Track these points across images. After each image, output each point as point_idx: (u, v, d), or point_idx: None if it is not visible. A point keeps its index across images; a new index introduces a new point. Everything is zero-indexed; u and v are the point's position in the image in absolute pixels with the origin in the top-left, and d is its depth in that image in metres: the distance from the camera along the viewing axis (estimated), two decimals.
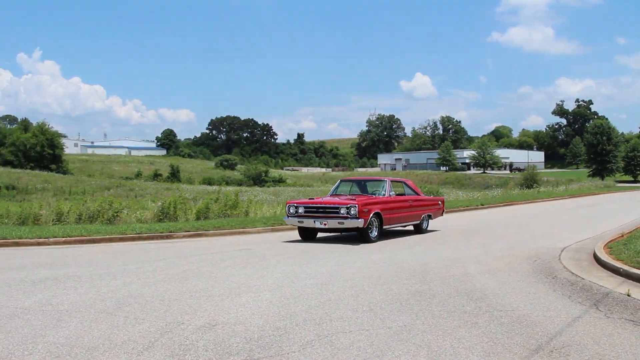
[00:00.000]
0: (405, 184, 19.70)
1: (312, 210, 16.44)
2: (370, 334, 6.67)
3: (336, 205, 16.01)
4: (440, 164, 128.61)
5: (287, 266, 11.91)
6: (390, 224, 17.25)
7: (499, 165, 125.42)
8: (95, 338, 6.45)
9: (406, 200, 18.45)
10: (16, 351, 5.95)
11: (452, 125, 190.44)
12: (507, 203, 36.42)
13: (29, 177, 68.61)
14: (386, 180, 18.14)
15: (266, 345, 6.22)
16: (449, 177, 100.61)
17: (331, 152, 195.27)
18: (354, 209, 15.55)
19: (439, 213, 20.90)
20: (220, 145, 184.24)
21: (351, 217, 15.52)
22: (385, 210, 16.78)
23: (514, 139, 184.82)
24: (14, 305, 8.12)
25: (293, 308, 7.98)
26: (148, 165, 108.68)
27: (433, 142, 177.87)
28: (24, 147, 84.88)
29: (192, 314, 7.62)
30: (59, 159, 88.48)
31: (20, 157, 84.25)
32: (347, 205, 15.68)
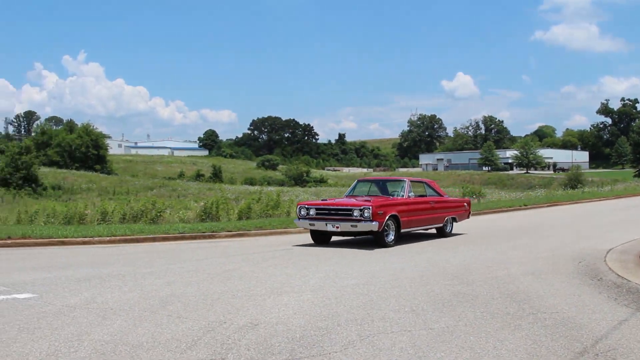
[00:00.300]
0: (426, 184, 18.58)
1: (324, 212, 15.42)
2: (412, 335, 6.64)
3: (349, 207, 14.98)
4: (482, 164, 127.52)
5: (328, 266, 11.92)
6: (409, 227, 16.14)
7: (542, 165, 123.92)
8: (139, 336, 6.52)
9: (427, 202, 17.31)
10: (62, 348, 6.04)
11: (495, 125, 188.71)
12: (551, 203, 35.95)
13: (74, 177, 69.66)
14: (405, 181, 17.12)
15: (308, 345, 6.23)
16: (492, 177, 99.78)
17: (372, 152, 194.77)
18: (368, 211, 14.47)
19: (465, 215, 19.66)
20: (261, 145, 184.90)
21: (365, 219, 14.48)
22: (403, 212, 15.66)
23: (557, 139, 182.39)
24: (60, 303, 8.25)
25: (335, 308, 7.98)
26: (190, 166, 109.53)
27: (475, 142, 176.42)
28: (70, 147, 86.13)
29: (235, 313, 7.66)
30: (104, 160, 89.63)
31: (66, 157, 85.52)
32: (361, 207, 14.65)
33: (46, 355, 5.82)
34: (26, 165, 58.01)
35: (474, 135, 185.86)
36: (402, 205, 15.86)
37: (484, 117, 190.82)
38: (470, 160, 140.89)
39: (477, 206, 31.58)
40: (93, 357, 5.79)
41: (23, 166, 57.64)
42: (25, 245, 15.45)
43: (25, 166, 57.80)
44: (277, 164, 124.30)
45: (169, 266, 11.87)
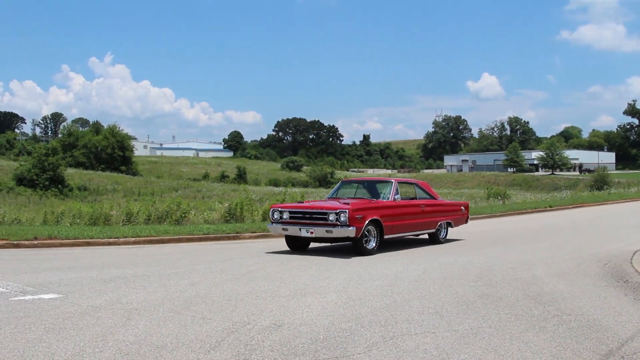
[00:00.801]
0: (417, 185, 17.32)
1: (298, 215, 14.11)
2: (436, 336, 6.62)
3: (324, 210, 13.64)
4: (507, 165, 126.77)
5: (352, 267, 11.91)
6: (394, 233, 14.72)
7: (568, 167, 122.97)
8: (164, 337, 6.55)
9: (417, 205, 16.02)
10: (87, 348, 6.08)
11: (520, 126, 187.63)
12: (577, 205, 35.69)
13: (100, 178, 70.21)
14: (391, 182, 15.71)
15: (331, 346, 6.22)
16: (517, 178, 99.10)
17: (397, 154, 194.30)
18: (344, 215, 13.21)
19: (462, 220, 18.32)
20: (286, 146, 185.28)
21: (341, 224, 13.22)
22: (386, 216, 14.36)
23: (583, 140, 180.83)
24: (86, 303, 8.30)
25: (358, 309, 7.97)
26: (215, 167, 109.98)
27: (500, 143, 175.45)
28: (96, 149, 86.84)
29: (258, 314, 7.67)
30: (129, 161, 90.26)
31: (92, 158, 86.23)
32: (337, 210, 13.37)
33: (72, 355, 5.86)
34: (53, 166, 58.55)
35: (499, 137, 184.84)
36: (386, 208, 14.63)
37: (509, 118, 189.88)
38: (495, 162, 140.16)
39: (502, 207, 31.44)
40: (117, 357, 5.82)
41: (50, 167, 58.18)
42: (51, 245, 15.58)
43: (51, 167, 58.35)
44: (302, 165, 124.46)
45: (193, 267, 11.92)
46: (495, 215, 28.28)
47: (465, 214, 18.41)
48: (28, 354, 5.88)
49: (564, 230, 20.25)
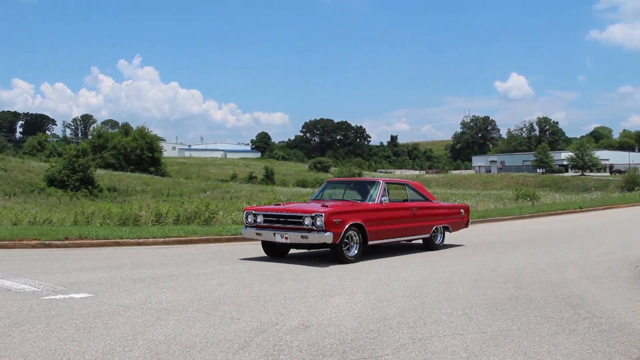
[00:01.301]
0: (409, 186, 15.81)
1: (272, 219, 13.10)
2: (464, 338, 6.58)
3: (299, 213, 12.63)
4: (536, 166, 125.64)
5: (380, 268, 11.89)
6: (379, 238, 13.55)
7: (598, 167, 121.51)
8: (193, 336, 6.59)
9: (407, 208, 14.68)
10: (117, 347, 6.13)
11: (549, 126, 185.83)
12: (607, 206, 35.30)
13: (129, 179, 70.76)
14: (378, 182, 14.51)
15: (359, 347, 6.21)
16: (546, 179, 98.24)
17: (425, 154, 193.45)
18: (320, 219, 12.13)
19: (461, 224, 16.97)
20: (313, 147, 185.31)
21: (317, 229, 12.18)
22: (371, 220, 13.21)
23: (614, 140, 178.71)
24: (116, 303, 8.38)
25: (386, 310, 7.96)
26: (243, 168, 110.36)
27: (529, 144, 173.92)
28: (125, 150, 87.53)
29: (287, 314, 7.69)
30: (158, 162, 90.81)
31: (121, 160, 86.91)
32: (312, 214, 12.32)
33: (102, 354, 5.91)
34: (83, 167, 59.11)
35: (528, 137, 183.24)
36: (371, 212, 13.45)
37: (539, 119, 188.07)
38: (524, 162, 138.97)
39: (531, 209, 31.21)
40: (147, 356, 5.87)
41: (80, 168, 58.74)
42: (81, 245, 15.74)
43: (82, 168, 58.91)
44: (329, 166, 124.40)
45: (222, 267, 11.97)
46: (524, 216, 28.08)
47: (464, 217, 17.12)
48: (59, 352, 5.94)
49: (595, 232, 20.05)
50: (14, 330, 6.77)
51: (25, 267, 11.95)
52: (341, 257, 12.66)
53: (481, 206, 33.34)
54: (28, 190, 53.06)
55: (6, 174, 58.48)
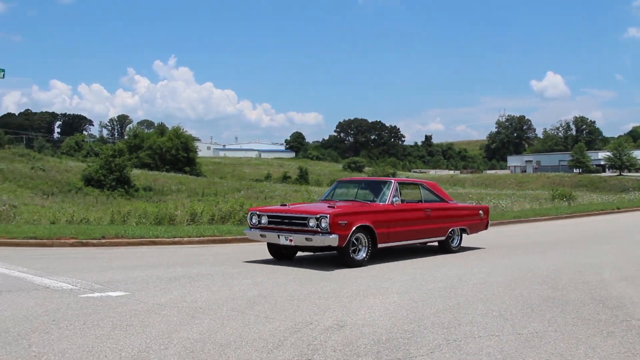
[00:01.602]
0: (423, 186, 15.08)
1: (276, 220, 12.61)
2: (500, 339, 6.54)
3: (304, 215, 12.08)
4: (573, 166, 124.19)
5: (415, 269, 11.86)
6: (390, 241, 12.94)
7: (636, 167, 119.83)
8: (227, 335, 6.62)
9: (421, 209, 14.03)
10: (153, 345, 6.19)
11: (586, 125, 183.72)
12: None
13: (164, 179, 71.30)
14: (390, 182, 13.87)
15: (394, 348, 6.20)
16: (583, 179, 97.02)
17: (459, 154, 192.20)
18: (325, 221, 11.54)
19: (480, 226, 16.19)
20: (348, 147, 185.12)
21: (322, 231, 11.59)
22: (380, 222, 12.62)
23: None
24: (152, 301, 8.45)
25: (421, 311, 7.93)
26: (277, 168, 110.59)
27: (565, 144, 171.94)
28: (160, 150, 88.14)
29: (321, 314, 7.70)
30: (193, 162, 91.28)
31: (157, 159, 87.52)
32: (317, 215, 11.73)
33: (138, 351, 5.97)
34: (119, 167, 59.66)
35: (565, 137, 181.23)
36: (380, 213, 12.84)
37: (575, 118, 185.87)
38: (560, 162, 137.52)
39: (567, 209, 30.90)
40: (182, 354, 5.91)
41: (116, 168, 59.31)
42: (118, 244, 15.92)
43: (118, 168, 59.46)
44: (363, 166, 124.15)
45: (256, 266, 12.02)
46: (560, 216, 27.80)
47: (484, 219, 16.28)
48: (96, 349, 6.01)
49: (633, 233, 19.78)
50: (52, 327, 6.86)
51: (63, 265, 12.11)
52: (348, 260, 12.07)
53: (517, 206, 33.05)
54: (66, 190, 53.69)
55: (44, 174, 59.30)
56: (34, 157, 68.72)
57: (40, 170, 60.53)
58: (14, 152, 67.80)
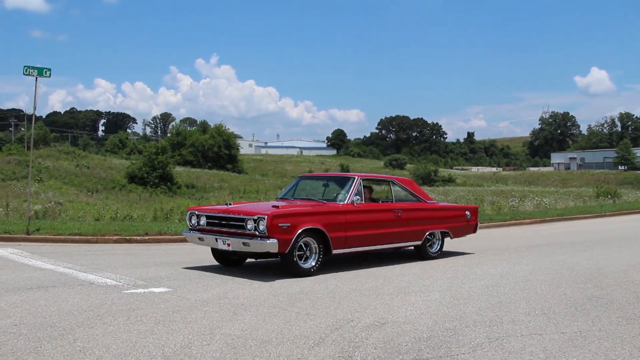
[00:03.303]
0: (394, 183, 13.28)
1: (214, 222, 11.11)
2: (542, 338, 6.46)
3: (241, 216, 10.50)
4: (618, 163, 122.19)
5: (456, 266, 11.79)
6: (347, 246, 11.30)
7: None
8: (269, 332, 6.65)
9: (389, 210, 12.37)
10: (195, 341, 6.24)
11: (632, 122, 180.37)
12: None
13: (207, 176, 71.85)
14: (352, 179, 12.13)
15: (435, 346, 6.17)
16: (628, 176, 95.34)
17: (502, 151, 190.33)
18: (263, 223, 10.02)
19: (467, 229, 14.32)
20: (389, 144, 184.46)
21: (260, 235, 10.08)
22: (335, 225, 11.00)
23: None
24: (194, 297, 8.53)
25: (463, 309, 7.88)
26: (319, 165, 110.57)
27: (610, 140, 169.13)
28: (203, 147, 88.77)
29: (362, 311, 7.69)
30: (235, 159, 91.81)
31: (199, 157, 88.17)
32: (255, 216, 10.22)
33: (180, 347, 6.03)
34: (162, 164, 60.24)
35: (609, 133, 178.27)
36: (336, 214, 11.20)
37: (621, 114, 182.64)
38: (605, 159, 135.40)
39: (612, 207, 30.39)
40: (224, 350, 5.95)
41: (159, 166, 59.89)
42: (161, 241, 16.09)
43: (161, 166, 60.04)
44: (405, 163, 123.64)
45: None
46: (605, 214, 27.37)
47: (471, 220, 14.35)
48: (140, 344, 6.09)
49: None
50: (97, 322, 6.97)
51: (107, 261, 12.28)
52: (293, 269, 10.53)
53: (560, 204, 32.63)
54: (110, 187, 54.43)
55: (89, 171, 60.16)
56: (79, 154, 69.78)
57: (85, 167, 61.43)
58: (59, 150, 68.88)
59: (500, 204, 29.51)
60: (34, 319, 7.10)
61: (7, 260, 12.26)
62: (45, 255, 12.84)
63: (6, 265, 11.56)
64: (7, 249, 13.71)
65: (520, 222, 23.02)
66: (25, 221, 16.97)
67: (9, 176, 50.11)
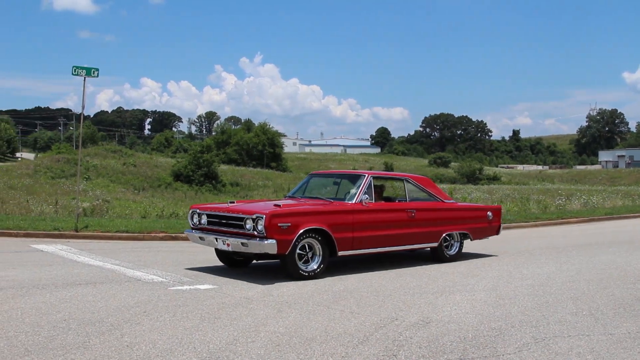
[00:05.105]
0: (409, 181, 12.51)
1: (215, 220, 10.72)
2: (590, 339, 6.37)
3: (241, 215, 10.06)
4: None
5: (501, 266, 11.68)
6: (354, 247, 10.72)
7: None
8: (313, 329, 6.67)
9: (401, 210, 11.71)
10: (240, 338, 6.29)
11: None
12: None
13: (251, 174, 72.22)
14: (362, 176, 11.57)
15: (480, 346, 6.13)
16: None
17: (548, 149, 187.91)
18: (261, 223, 9.57)
19: (488, 230, 13.51)
20: (433, 142, 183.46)
21: (258, 235, 9.62)
22: (341, 225, 10.47)
23: None
24: (239, 295, 8.59)
25: (508, 309, 7.81)
26: (362, 163, 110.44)
27: None
28: (247, 146, 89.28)
29: (406, 310, 7.67)
30: (279, 157, 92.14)
31: (244, 155, 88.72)
32: (254, 215, 9.76)
33: (226, 344, 6.08)
34: (207, 163, 60.67)
35: None
36: (342, 214, 10.67)
37: None
38: None
39: None
40: (269, 347, 5.99)
41: (204, 164, 60.33)
42: None
43: (206, 164, 60.47)
44: (449, 161, 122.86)
45: (341, 261, 12.05)
46: None
47: (493, 222, 13.54)
48: (186, 340, 6.15)
49: None
50: (144, 318, 7.06)
51: (154, 258, 12.43)
52: (294, 272, 9.98)
53: (608, 203, 32.10)
54: (156, 185, 55.02)
55: (136, 170, 60.87)
56: (125, 153, 70.64)
57: (132, 166, 62.15)
58: (107, 149, 69.83)
59: (546, 203, 29.14)
60: (82, 314, 7.22)
61: (56, 256, 12.49)
62: (93, 252, 13.05)
63: (56, 261, 11.78)
64: (57, 246, 13.96)
65: (567, 221, 22.71)
66: (74, 218, 17.26)
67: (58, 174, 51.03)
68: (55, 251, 13.16)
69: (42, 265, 11.12)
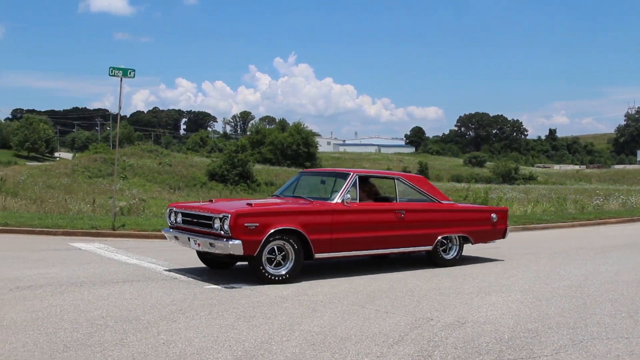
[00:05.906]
0: (400, 180, 11.86)
1: (188, 219, 10.30)
2: (629, 342, 6.29)
3: (210, 214, 9.65)
4: None
5: (538, 266, 11.57)
6: (332, 250, 10.08)
7: None
8: (348, 329, 6.67)
9: (389, 210, 11.03)
10: (275, 337, 6.31)
11: None
12: None
13: (285, 173, 72.39)
14: (347, 174, 10.96)
15: (516, 347, 6.07)
16: None
17: (585, 149, 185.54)
18: (227, 222, 9.13)
19: (493, 233, 12.68)
20: (468, 142, 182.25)
21: (225, 236, 9.17)
22: (317, 226, 9.84)
23: None
24: (274, 294, 8.62)
25: (545, 310, 7.74)
26: (397, 163, 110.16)
27: None
28: (282, 145, 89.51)
29: (441, 310, 7.64)
30: (313, 157, 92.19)
31: (278, 155, 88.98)
32: (221, 214, 9.32)
33: (260, 342, 6.10)
34: (242, 162, 61.06)
35: None
36: (319, 214, 10.05)
37: None
38: None
39: None
40: (304, 346, 6.00)
41: (239, 163, 60.71)
42: None
43: (241, 163, 60.86)
44: (485, 160, 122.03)
45: (376, 260, 12.03)
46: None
47: (498, 224, 12.65)
48: (221, 339, 6.19)
49: None
50: (180, 316, 7.12)
51: (189, 257, 12.50)
52: (260, 275, 9.46)
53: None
54: (191, 184, 55.50)
55: (171, 169, 61.45)
56: (161, 153, 71.32)
57: (167, 165, 62.76)
58: (143, 149, 70.52)
59: (583, 203, 28.80)
60: (119, 312, 7.30)
61: (94, 254, 12.64)
62: (130, 250, 13.18)
63: (93, 259, 11.93)
64: (94, 244, 14.13)
65: (605, 222, 22.44)
66: (111, 217, 17.45)
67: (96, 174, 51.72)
68: (93, 249, 13.32)
69: (80, 264, 11.26)
